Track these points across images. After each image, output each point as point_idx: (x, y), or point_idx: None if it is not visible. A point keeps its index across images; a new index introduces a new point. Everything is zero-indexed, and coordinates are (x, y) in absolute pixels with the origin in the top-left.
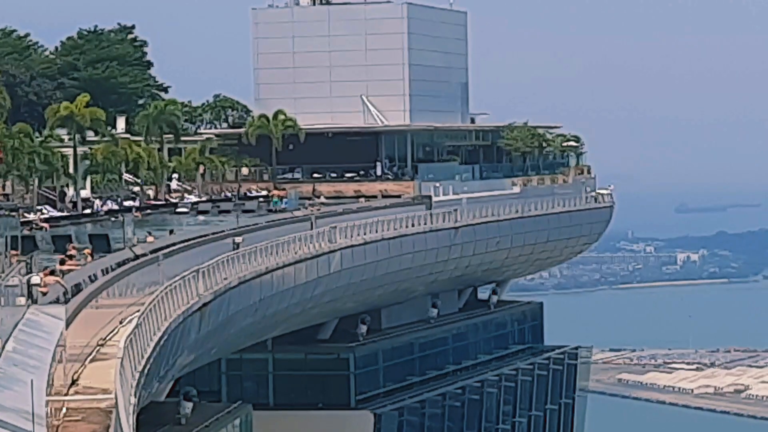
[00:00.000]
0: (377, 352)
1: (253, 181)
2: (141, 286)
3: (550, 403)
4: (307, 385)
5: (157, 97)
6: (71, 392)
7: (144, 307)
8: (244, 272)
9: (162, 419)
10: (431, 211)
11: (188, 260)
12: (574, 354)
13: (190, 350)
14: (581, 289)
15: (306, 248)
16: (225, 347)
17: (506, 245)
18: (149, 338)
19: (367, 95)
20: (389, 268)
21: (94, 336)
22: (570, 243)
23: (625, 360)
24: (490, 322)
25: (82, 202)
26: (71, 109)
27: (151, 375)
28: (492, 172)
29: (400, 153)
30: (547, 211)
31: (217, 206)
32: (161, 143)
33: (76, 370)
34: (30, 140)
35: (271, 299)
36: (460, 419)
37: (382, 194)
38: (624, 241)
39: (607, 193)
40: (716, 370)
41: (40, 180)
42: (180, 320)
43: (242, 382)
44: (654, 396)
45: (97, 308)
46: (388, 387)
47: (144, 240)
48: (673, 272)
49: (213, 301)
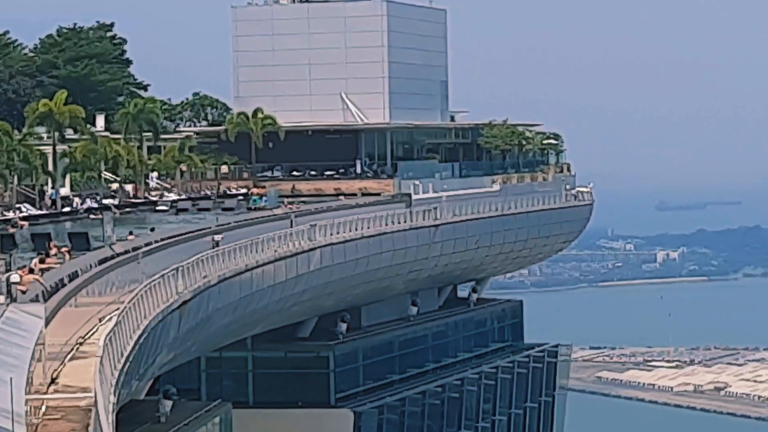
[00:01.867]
0: (357, 350)
1: (233, 179)
2: (120, 284)
3: (529, 401)
4: (287, 383)
5: (136, 95)
6: (51, 391)
7: (123, 306)
8: (224, 270)
9: (141, 418)
10: (411, 209)
11: (168, 258)
12: (554, 352)
13: (169, 348)
14: (561, 287)
15: (286, 246)
16: (205, 345)
17: (486, 243)
18: (129, 336)
19: (347, 93)
20: (369, 266)
21: (73, 334)
22: (550, 241)
23: (604, 358)
24: (470, 320)
25: (62, 201)
26: (50, 106)
27: (130, 373)
28: (472, 170)
29: (379, 151)
30: (526, 209)
31: (196, 204)
32: (141, 141)
33: (55, 369)
34: (9, 138)
35: (251, 297)
36: (440, 417)
37: (362, 192)
38: (604, 239)
39: (587, 191)
40: (696, 368)
41: (19, 178)
42: (159, 318)
43: (222, 380)
44: (634, 394)
45: (76, 306)
46: (367, 385)
47: (124, 238)
48: (652, 270)
49: (193, 299)
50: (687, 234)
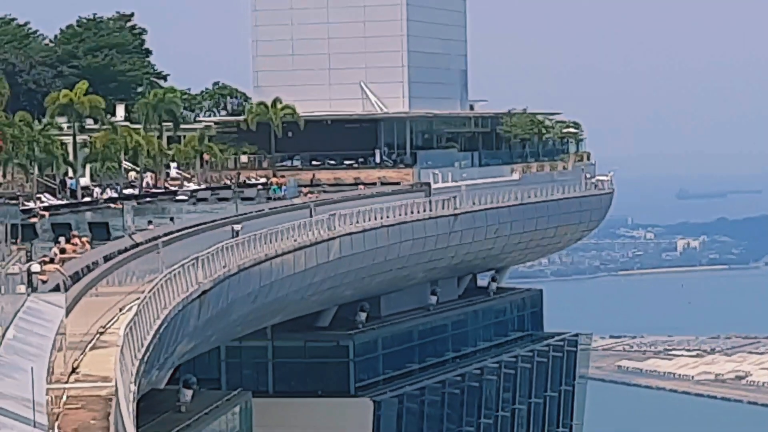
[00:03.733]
0: (376, 340)
1: (252, 168)
2: (141, 273)
3: (549, 390)
4: (307, 372)
5: (156, 85)
6: (71, 380)
7: (144, 295)
8: (244, 260)
9: (162, 407)
10: (430, 199)
11: (188, 248)
12: (574, 341)
13: (189, 338)
14: (581, 275)
15: (305, 236)
16: (224, 335)
17: (505, 232)
18: (149, 326)
19: (366, 82)
20: (388, 256)
21: (94, 324)
22: (569, 230)
23: (625, 347)
24: (490, 309)
25: (82, 191)
26: (70, 97)
27: (150, 363)
28: (491, 159)
29: (399, 140)
30: (546, 197)
31: (216, 194)
32: (160, 131)
33: (76, 358)
34: (29, 128)
35: (271, 287)
36: (460, 406)
37: (381, 181)
38: (624, 228)
39: (607, 179)
40: (717, 357)
41: (40, 168)
42: (179, 308)
43: (242, 369)
44: (654, 383)
45: (97, 296)
46: (387, 374)
47: (144, 228)
48: (673, 259)
49: (212, 289)
50: (708, 222)
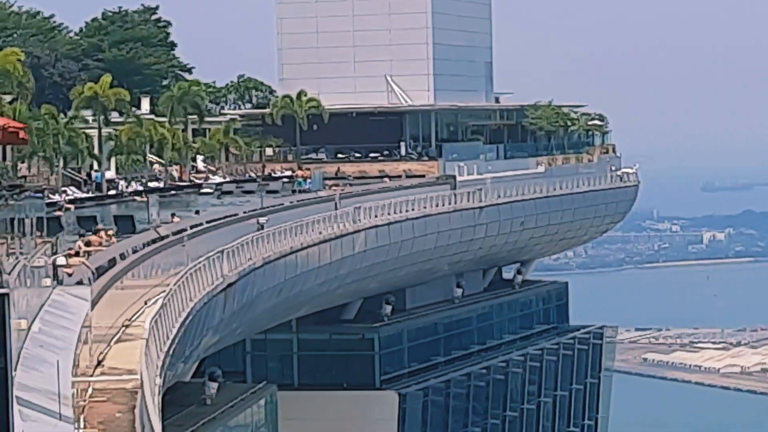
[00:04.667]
0: (402, 332)
1: (277, 161)
2: (166, 266)
3: (575, 383)
4: (332, 365)
5: (181, 78)
6: (97, 373)
7: (169, 288)
8: (269, 253)
9: (187, 400)
10: (455, 191)
11: (213, 241)
12: (600, 334)
13: (215, 331)
14: (606, 268)
15: (330, 228)
16: (250, 327)
17: (531, 225)
18: (174, 319)
19: (391, 75)
20: (413, 248)
21: (119, 317)
22: (595, 222)
23: (650, 339)
24: (515, 302)
25: (107, 184)
26: (96, 90)
27: (176, 355)
28: (516, 151)
29: (424, 133)
30: (571, 190)
31: (241, 187)
32: (185, 124)
33: (101, 351)
34: (55, 121)
35: (296, 280)
36: (485, 399)
37: (406, 174)
38: (649, 220)
39: (632, 172)
40: (743, 350)
41: (65, 161)
42: (205, 301)
43: (267, 362)
44: (680, 375)
45: (122, 289)
46: (412, 367)
47: (168, 221)
48: (698, 251)
49: (238, 282)
50: (733, 215)
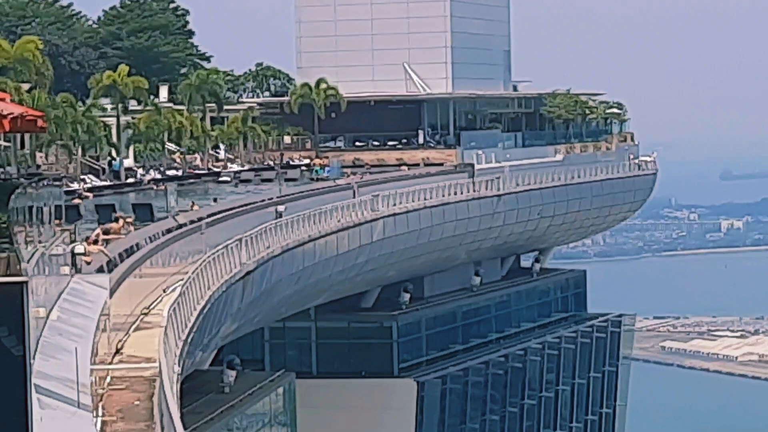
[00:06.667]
0: (420, 321)
1: (296, 149)
2: (184, 255)
3: (593, 371)
4: (350, 353)
5: (199, 66)
6: (115, 361)
7: (187, 276)
8: (287, 241)
9: (205, 388)
10: (474, 179)
11: (231, 229)
12: (618, 322)
13: (233, 319)
14: (624, 256)
15: (348, 217)
16: (268, 316)
17: (549, 213)
18: (193, 307)
19: (410, 63)
20: (432, 237)
21: (137, 305)
22: (613, 210)
23: (669, 327)
24: (533, 290)
25: (125, 172)
26: (114, 78)
27: (194, 344)
28: (535, 139)
29: (442, 121)
30: (590, 178)
31: (259, 175)
32: (204, 112)
33: (120, 339)
34: (73, 110)
35: (314, 268)
36: (503, 387)
37: (425, 162)
38: (667, 209)
39: (650, 160)
40: (761, 338)
41: (84, 149)
42: (223, 289)
43: (285, 350)
44: (698, 364)
45: (140, 277)
46: (431, 355)
47: (186, 209)
48: (717, 239)
49: (256, 270)
50: (752, 203)
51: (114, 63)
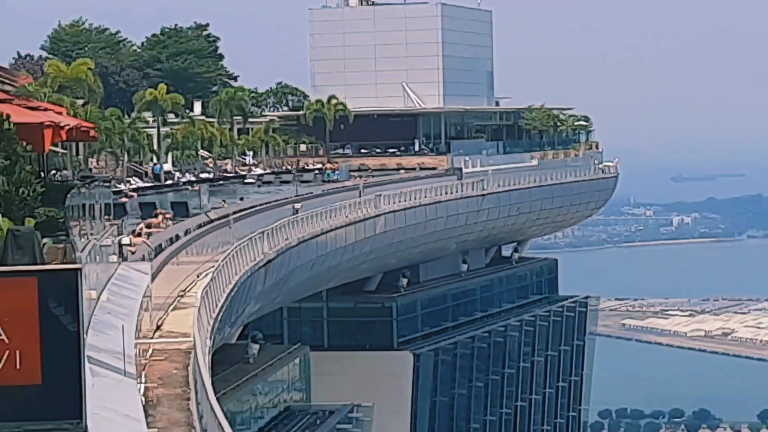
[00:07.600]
0: (416, 302)
1: (310, 156)
2: (215, 245)
3: (563, 345)
4: (356, 329)
5: (228, 84)
6: (156, 336)
7: (218, 264)
8: (303, 233)
9: (233, 359)
10: (462, 181)
11: (255, 223)
12: (585, 303)
13: (256, 300)
14: (590, 247)
15: (355, 213)
16: (286, 297)
17: (526, 210)
18: (222, 290)
19: (407, 82)
20: (426, 230)
21: (175, 288)
22: (580, 208)
23: (628, 308)
24: (513, 276)
25: (165, 175)
26: (155, 95)
27: (223, 321)
28: (514, 147)
29: (435, 132)
30: (561, 180)
31: (279, 178)
32: (231, 124)
33: (160, 317)
34: (120, 122)
35: (326, 256)
36: (487, 359)
37: (420, 167)
38: (627, 206)
39: (612, 165)
40: (706, 317)
41: (129, 156)
42: (248, 274)
43: (301, 327)
44: (653, 338)
45: (177, 264)
46: (425, 331)
47: (217, 206)
48: (669, 233)
49: (276, 258)
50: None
51: (155, 82)
